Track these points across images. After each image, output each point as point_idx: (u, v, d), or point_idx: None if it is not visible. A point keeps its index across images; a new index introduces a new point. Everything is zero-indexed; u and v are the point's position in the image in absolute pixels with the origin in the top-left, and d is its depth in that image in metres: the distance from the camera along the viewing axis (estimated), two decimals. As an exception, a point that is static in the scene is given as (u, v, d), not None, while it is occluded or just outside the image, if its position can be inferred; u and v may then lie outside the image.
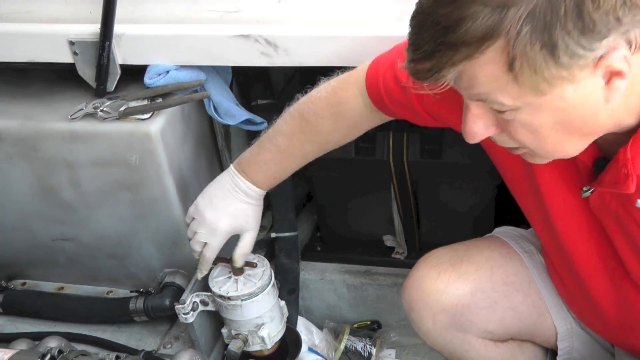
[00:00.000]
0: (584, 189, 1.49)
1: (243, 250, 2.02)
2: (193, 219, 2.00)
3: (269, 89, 2.41)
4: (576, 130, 1.29)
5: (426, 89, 1.28)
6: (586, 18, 1.10)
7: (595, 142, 1.40)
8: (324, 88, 1.86)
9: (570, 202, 1.57)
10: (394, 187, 2.42)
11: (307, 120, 1.88)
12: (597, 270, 1.66)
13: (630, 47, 1.15)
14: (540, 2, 1.10)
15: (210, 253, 2.00)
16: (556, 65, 1.14)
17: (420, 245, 2.54)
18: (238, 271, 2.07)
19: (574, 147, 1.35)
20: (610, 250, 1.58)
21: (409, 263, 2.01)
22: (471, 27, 1.14)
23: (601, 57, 1.14)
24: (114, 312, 2.40)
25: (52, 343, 1.80)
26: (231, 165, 1.99)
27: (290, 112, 1.90)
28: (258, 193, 1.99)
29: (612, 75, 1.18)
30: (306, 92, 1.91)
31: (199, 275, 2.07)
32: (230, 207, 1.98)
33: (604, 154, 1.43)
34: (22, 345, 1.88)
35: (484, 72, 1.20)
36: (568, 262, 1.72)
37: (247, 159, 1.97)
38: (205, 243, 1.99)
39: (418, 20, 1.22)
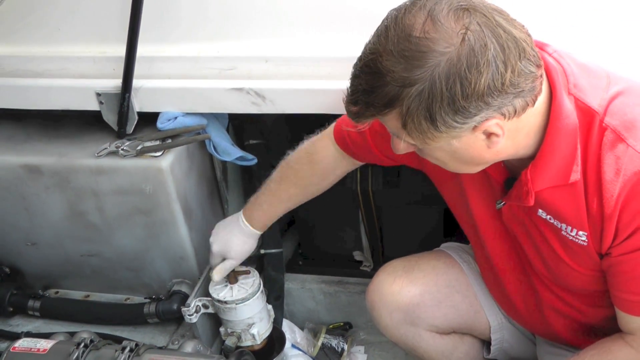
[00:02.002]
0: (498, 202, 1.60)
1: (219, 269, 2.10)
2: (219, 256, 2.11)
3: (258, 131, 2.44)
4: (469, 162, 1.43)
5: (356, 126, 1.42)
6: (457, 104, 1.24)
7: (505, 166, 1.53)
8: (306, 141, 1.98)
9: (490, 213, 1.67)
10: (361, 212, 2.46)
11: (291, 167, 1.99)
12: (511, 269, 1.76)
13: (505, 117, 1.29)
14: (427, 88, 1.23)
15: (212, 263, 2.11)
16: (437, 131, 1.28)
17: (383, 259, 2.46)
18: (233, 280, 2.14)
19: (471, 170, 1.48)
20: (522, 251, 1.68)
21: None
22: (379, 96, 1.27)
23: (475, 127, 1.28)
24: (131, 316, 2.42)
25: (85, 335, 1.85)
26: (240, 213, 2.09)
27: (281, 164, 2.01)
28: (250, 230, 2.07)
29: (490, 134, 1.32)
30: (295, 148, 2.00)
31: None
32: (223, 235, 2.09)
33: (512, 174, 1.54)
34: (60, 337, 1.92)
35: (389, 122, 1.34)
36: (493, 260, 1.80)
37: (250, 202, 2.07)
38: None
39: (352, 74, 1.34)
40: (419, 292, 1.94)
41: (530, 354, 2.00)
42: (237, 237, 2.08)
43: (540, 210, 1.52)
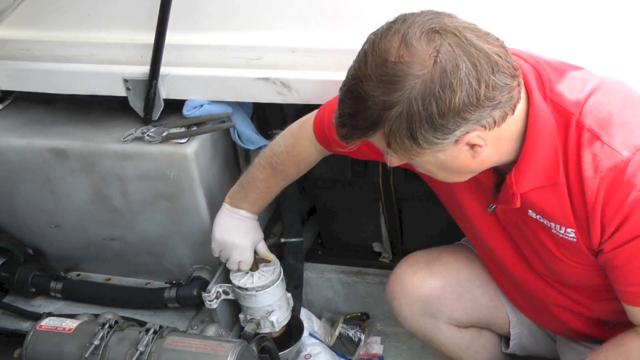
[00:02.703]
0: (489, 205, 1.65)
1: (266, 250, 2.18)
2: (221, 251, 2.13)
3: (282, 121, 2.39)
4: (457, 172, 1.48)
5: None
6: (435, 122, 1.30)
7: (494, 170, 1.56)
8: (282, 143, 2.01)
9: (484, 215, 1.70)
10: (382, 203, 2.46)
11: (276, 169, 2.02)
12: (519, 267, 1.77)
13: (485, 128, 1.34)
14: (405, 109, 1.28)
15: (247, 266, 2.14)
16: (419, 148, 1.34)
17: (403, 251, 2.53)
18: (254, 267, 2.15)
19: (460, 179, 1.54)
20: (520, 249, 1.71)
21: (393, 266, 2.08)
22: (362, 118, 1.33)
23: (457, 140, 1.33)
24: (151, 300, 2.44)
25: (109, 316, 1.86)
26: (226, 205, 2.12)
27: (261, 164, 2.05)
28: (255, 216, 2.13)
29: (473, 145, 1.37)
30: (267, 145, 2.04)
31: None
32: (245, 231, 2.12)
33: (502, 178, 1.57)
34: (85, 318, 1.94)
35: (376, 142, 1.40)
36: (496, 261, 1.82)
37: (239, 199, 2.10)
38: (240, 261, 2.12)
39: (339, 98, 1.40)
40: (440, 285, 1.96)
41: (549, 351, 2.01)
42: (253, 228, 2.14)
43: (530, 211, 1.56)
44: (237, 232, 2.11)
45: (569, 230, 1.51)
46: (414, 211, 2.47)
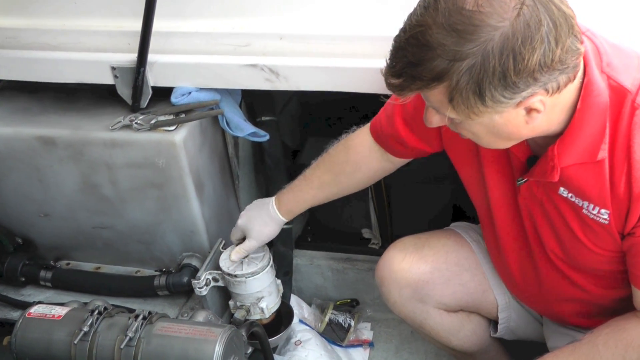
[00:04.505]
0: (519, 179, 1.60)
1: (238, 249, 2.10)
2: None
3: (271, 107, 2.44)
4: (505, 137, 1.43)
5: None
6: (508, 79, 1.24)
7: (527, 144, 1.53)
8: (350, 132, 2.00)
9: (507, 191, 1.68)
10: (371, 190, 2.48)
11: (328, 154, 2.00)
12: (518, 249, 1.77)
13: (548, 92, 1.29)
14: (479, 62, 1.22)
15: (231, 236, 2.14)
16: (483, 106, 1.28)
17: (392, 238, 2.50)
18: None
19: (504, 145, 1.48)
20: (533, 231, 1.69)
21: (383, 252, 2.06)
22: (427, 69, 1.26)
23: (520, 102, 1.29)
24: (141, 288, 2.43)
25: (98, 302, 1.86)
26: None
27: (323, 152, 2.03)
28: (276, 214, 2.07)
29: (531, 110, 1.32)
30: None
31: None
32: (251, 212, 2.10)
33: (535, 153, 1.55)
34: (74, 305, 1.94)
35: (434, 96, 1.33)
36: (497, 243, 1.83)
37: (284, 186, 2.08)
38: (231, 234, 2.13)
39: (395, 46, 1.32)
40: (428, 269, 1.96)
41: (537, 334, 2.02)
42: (261, 218, 2.09)
43: (561, 189, 1.53)
44: (246, 212, 2.11)
45: (602, 211, 1.48)
46: (402, 197, 2.49)
